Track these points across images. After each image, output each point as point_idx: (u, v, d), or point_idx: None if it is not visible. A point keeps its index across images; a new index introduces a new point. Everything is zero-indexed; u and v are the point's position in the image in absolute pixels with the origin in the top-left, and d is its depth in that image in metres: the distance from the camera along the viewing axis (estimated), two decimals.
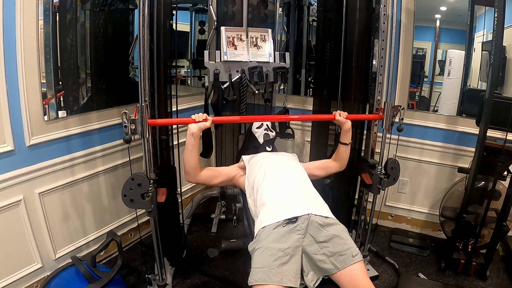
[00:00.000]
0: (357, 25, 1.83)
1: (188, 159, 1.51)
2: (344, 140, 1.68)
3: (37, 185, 1.71)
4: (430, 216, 2.49)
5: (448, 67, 2.26)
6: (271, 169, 1.54)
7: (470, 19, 2.14)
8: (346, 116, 1.66)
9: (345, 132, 1.67)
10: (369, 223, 2.00)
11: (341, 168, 1.74)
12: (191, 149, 1.49)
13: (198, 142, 1.50)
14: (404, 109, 1.70)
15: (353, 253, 1.24)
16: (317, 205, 1.40)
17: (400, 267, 2.12)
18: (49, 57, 1.64)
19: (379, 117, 1.76)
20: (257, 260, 1.23)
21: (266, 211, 1.37)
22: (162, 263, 1.75)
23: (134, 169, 1.54)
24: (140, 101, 1.39)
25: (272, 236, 1.27)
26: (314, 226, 1.30)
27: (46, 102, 1.66)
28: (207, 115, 1.51)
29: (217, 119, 1.62)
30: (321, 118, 2.06)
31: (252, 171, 1.58)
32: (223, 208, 2.58)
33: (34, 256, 1.75)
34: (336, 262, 1.23)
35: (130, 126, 1.38)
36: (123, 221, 2.22)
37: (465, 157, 2.24)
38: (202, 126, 1.49)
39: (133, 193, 1.45)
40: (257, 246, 1.27)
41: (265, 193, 1.43)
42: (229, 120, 1.96)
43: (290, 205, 1.36)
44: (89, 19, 1.85)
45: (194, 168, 1.52)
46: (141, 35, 1.37)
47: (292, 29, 2.77)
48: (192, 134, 1.47)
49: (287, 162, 1.64)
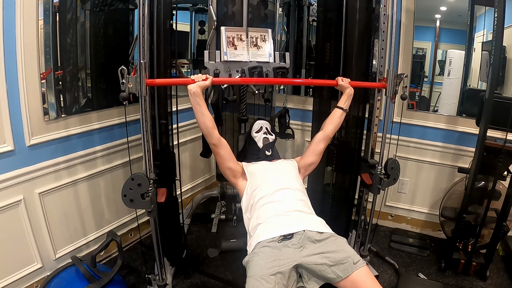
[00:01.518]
0: (357, 25, 1.83)
1: (201, 119, 1.46)
2: (342, 104, 1.65)
3: (37, 185, 1.71)
4: (430, 216, 2.49)
5: (448, 67, 2.26)
6: (270, 188, 1.50)
7: (470, 19, 2.14)
8: (349, 82, 1.66)
9: (346, 96, 1.65)
10: (369, 223, 2.00)
11: (330, 134, 1.66)
12: (199, 108, 1.44)
13: (203, 99, 1.45)
14: (408, 77, 1.66)
15: (354, 260, 1.22)
16: (312, 222, 1.39)
17: (400, 267, 2.13)
18: (49, 57, 1.64)
19: (382, 85, 1.73)
20: (252, 269, 1.22)
21: (262, 228, 1.36)
22: (162, 263, 1.75)
23: (134, 169, 1.55)
24: (139, 59, 1.37)
25: (268, 248, 1.26)
26: (310, 241, 1.29)
27: (46, 101, 1.66)
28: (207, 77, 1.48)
29: (217, 80, 1.58)
30: (323, 84, 2.01)
31: (252, 185, 1.55)
32: (223, 208, 2.58)
33: (34, 256, 1.75)
34: (339, 271, 1.21)
35: (127, 84, 1.36)
36: (123, 221, 2.22)
37: (465, 157, 2.24)
38: (202, 84, 1.45)
39: (133, 193, 1.44)
40: (251, 258, 1.26)
41: (263, 214, 1.42)
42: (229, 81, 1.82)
43: (285, 222, 1.36)
44: (89, 19, 1.84)
45: (211, 127, 1.47)
46: (141, 35, 1.37)
47: (292, 29, 2.77)
48: (194, 93, 1.42)
49: (285, 177, 1.59)
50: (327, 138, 1.67)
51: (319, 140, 1.67)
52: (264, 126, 1.86)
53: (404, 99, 1.68)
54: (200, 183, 2.97)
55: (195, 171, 2.88)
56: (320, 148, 1.67)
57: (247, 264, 1.28)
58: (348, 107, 1.67)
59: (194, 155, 2.69)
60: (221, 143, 1.54)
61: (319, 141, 1.67)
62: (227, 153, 1.57)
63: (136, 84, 1.37)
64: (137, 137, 1.87)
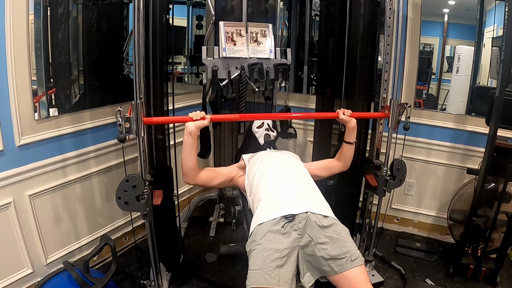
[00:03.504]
0: (362, 20, 1.83)
1: (186, 159, 1.50)
2: (349, 139, 1.68)
3: (28, 187, 1.70)
4: (437, 219, 2.49)
5: (457, 64, 2.26)
6: (272, 164, 1.55)
7: (479, 14, 2.14)
8: (350, 114, 1.65)
9: (350, 130, 1.67)
10: (374, 226, 2.00)
11: (345, 168, 1.74)
12: (189, 149, 1.49)
13: (196, 141, 1.50)
14: (411, 107, 1.70)
15: (352, 256, 1.24)
16: (316, 203, 1.39)
17: (406, 272, 2.12)
18: (40, 53, 1.64)
19: (385, 115, 1.76)
20: (254, 262, 1.24)
21: (262, 207, 1.38)
22: (158, 269, 1.75)
23: (129, 170, 1.54)
24: (135, 99, 1.39)
25: (269, 236, 1.27)
26: (312, 226, 1.30)
27: (37, 100, 1.66)
28: (205, 113, 1.51)
29: (215, 117, 1.62)
30: (323, 116, 2.06)
31: (253, 168, 1.59)
32: (221, 211, 2.58)
33: (24, 261, 1.74)
34: (334, 265, 1.24)
35: (124, 125, 1.37)
36: (117, 224, 2.22)
37: (475, 158, 2.24)
38: (200, 124, 1.48)
39: (127, 195, 1.45)
40: (253, 247, 1.28)
41: (263, 188, 1.44)
42: (228, 118, 1.96)
43: (287, 201, 1.36)
44: (81, 13, 1.84)
45: (192, 169, 1.52)
46: (136, 30, 1.37)
47: (294, 24, 2.77)
48: (190, 133, 1.46)
49: (289, 159, 1.65)
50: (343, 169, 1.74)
51: (335, 166, 1.74)
52: (265, 122, 1.87)
53: (406, 130, 1.70)
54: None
55: None
56: (334, 172, 1.76)
57: (249, 253, 1.30)
58: (355, 138, 1.70)
59: None
60: (203, 178, 1.57)
61: (335, 166, 1.74)
62: (214, 176, 1.62)
63: (133, 124, 1.38)
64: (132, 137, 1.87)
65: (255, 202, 1.45)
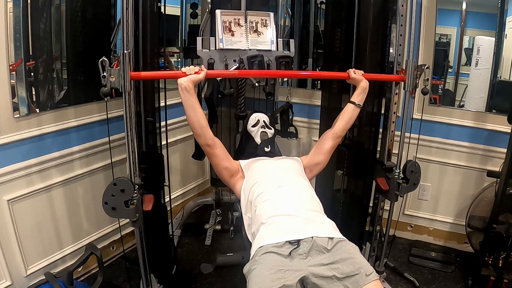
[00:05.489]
0: (372, 8, 1.83)
1: (193, 118, 1.48)
2: (356, 99, 1.67)
3: (6, 191, 1.70)
4: (455, 227, 2.49)
5: (476, 56, 2.26)
6: (271, 183, 1.52)
7: (501, 1, 2.14)
8: (363, 74, 1.66)
9: (360, 90, 1.66)
10: (386, 234, 2.00)
11: (340, 132, 1.68)
12: (190, 104, 1.46)
13: (195, 96, 1.47)
14: (430, 68, 1.67)
15: (366, 272, 1.23)
16: (321, 225, 1.39)
17: (421, 285, 2.13)
18: (19, 45, 1.64)
19: (400, 78, 1.74)
20: (254, 281, 1.21)
21: (265, 230, 1.37)
22: (149, 281, 1.75)
23: (117, 172, 1.54)
24: (122, 49, 1.37)
25: (271, 255, 1.26)
26: (318, 249, 1.29)
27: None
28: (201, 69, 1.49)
29: (211, 73, 1.59)
30: (333, 76, 2.02)
31: (249, 181, 1.57)
32: (218, 217, 2.58)
33: (2, 273, 1.74)
34: (349, 283, 1.22)
35: (109, 78, 1.36)
36: (104, 232, 2.23)
37: (495, 159, 2.24)
38: (194, 78, 1.46)
39: (115, 200, 1.44)
40: (253, 266, 1.26)
41: (264, 212, 1.42)
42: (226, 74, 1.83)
43: (291, 225, 1.36)
44: (65, 1, 1.84)
45: (204, 126, 1.50)
46: (125, 20, 1.37)
47: (298, 13, 2.77)
48: (185, 88, 1.43)
49: (289, 173, 1.62)
50: (336, 136, 1.68)
51: (327, 138, 1.69)
52: (261, 119, 1.87)
53: (425, 94, 1.68)
54: (192, 189, 2.97)
55: (186, 175, 2.88)
56: (328, 147, 1.68)
57: (248, 273, 1.27)
58: (362, 102, 1.67)
59: (186, 157, 2.68)
60: (215, 143, 1.56)
61: (327, 138, 1.69)
62: (222, 152, 1.59)
63: (119, 77, 1.37)
64: (120, 136, 1.87)
65: (253, 225, 1.44)
